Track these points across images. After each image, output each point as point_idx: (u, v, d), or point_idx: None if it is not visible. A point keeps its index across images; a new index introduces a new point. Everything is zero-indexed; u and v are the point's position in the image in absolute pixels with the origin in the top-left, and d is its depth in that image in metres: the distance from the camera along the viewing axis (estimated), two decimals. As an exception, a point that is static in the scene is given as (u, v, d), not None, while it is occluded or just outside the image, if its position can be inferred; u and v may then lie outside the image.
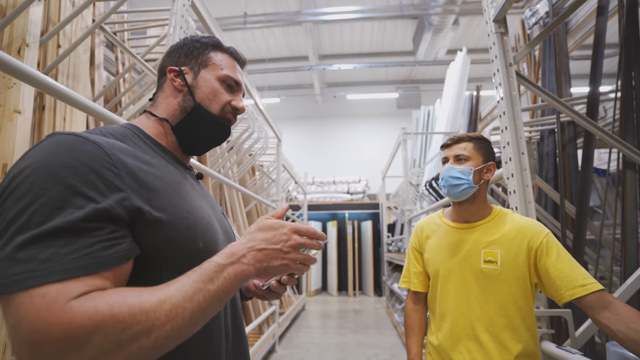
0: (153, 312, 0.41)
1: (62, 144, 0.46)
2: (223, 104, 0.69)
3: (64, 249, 0.40)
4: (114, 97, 2.47)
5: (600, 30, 1.82)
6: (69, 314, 0.37)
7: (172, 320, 0.42)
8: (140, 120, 0.67)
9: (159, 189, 0.53)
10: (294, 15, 6.85)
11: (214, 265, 0.49)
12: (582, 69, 6.91)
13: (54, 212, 0.41)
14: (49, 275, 0.38)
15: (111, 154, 0.48)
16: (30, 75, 0.92)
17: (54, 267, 0.39)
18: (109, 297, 0.40)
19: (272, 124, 3.85)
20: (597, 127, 1.60)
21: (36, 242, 0.39)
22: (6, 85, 1.33)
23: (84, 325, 0.37)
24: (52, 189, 0.42)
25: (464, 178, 1.09)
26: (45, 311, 0.37)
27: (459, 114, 4.52)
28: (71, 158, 0.45)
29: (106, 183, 0.45)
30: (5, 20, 1.21)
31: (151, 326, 0.41)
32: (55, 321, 0.36)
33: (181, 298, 0.44)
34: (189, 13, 1.76)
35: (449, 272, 1.11)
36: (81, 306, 0.38)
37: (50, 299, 0.37)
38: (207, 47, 0.70)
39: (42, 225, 0.40)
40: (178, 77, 0.68)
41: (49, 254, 0.39)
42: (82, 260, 0.41)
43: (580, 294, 0.92)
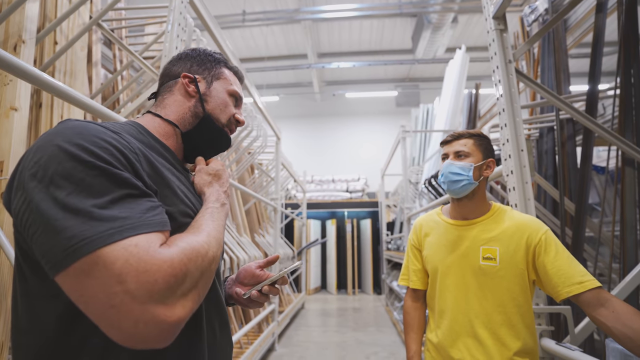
0: (211, 241, 0.51)
1: (86, 127, 0.48)
2: (229, 116, 0.74)
3: (138, 208, 0.45)
4: (112, 95, 2.46)
5: (600, 27, 1.81)
6: (167, 255, 0.42)
7: (218, 246, 0.53)
8: (145, 119, 0.68)
9: (167, 182, 0.57)
10: (292, 13, 6.83)
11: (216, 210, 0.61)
12: (580, 67, 6.92)
13: (111, 181, 0.44)
14: (135, 228, 0.42)
15: (131, 142, 0.53)
16: (27, 72, 0.91)
17: (136, 222, 0.43)
18: (180, 241, 0.47)
19: (271, 122, 3.84)
20: (597, 124, 1.60)
21: (111, 205, 0.42)
22: (2, 83, 1.32)
23: (182, 259, 0.43)
24: (95, 163, 0.44)
25: (463, 174, 1.09)
26: (146, 255, 0.40)
27: (458, 112, 4.52)
28: (101, 138, 0.47)
29: (132, 165, 0.49)
30: (1, 16, 1.20)
31: (214, 253, 0.50)
32: (160, 261, 0.41)
33: (215, 231, 0.55)
34: (187, 10, 1.75)
35: (448, 269, 1.11)
36: (170, 249, 0.43)
37: (144, 247, 0.41)
38: (220, 62, 0.76)
39: (107, 194, 0.43)
40: (192, 83, 0.70)
41: (128, 213, 0.43)
42: (156, 218, 0.46)
43: (577, 291, 0.92)
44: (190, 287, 0.44)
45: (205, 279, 0.48)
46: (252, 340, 3.11)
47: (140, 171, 0.50)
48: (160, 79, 0.75)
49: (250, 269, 0.77)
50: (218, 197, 0.64)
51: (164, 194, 0.54)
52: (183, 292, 0.43)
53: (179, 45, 1.61)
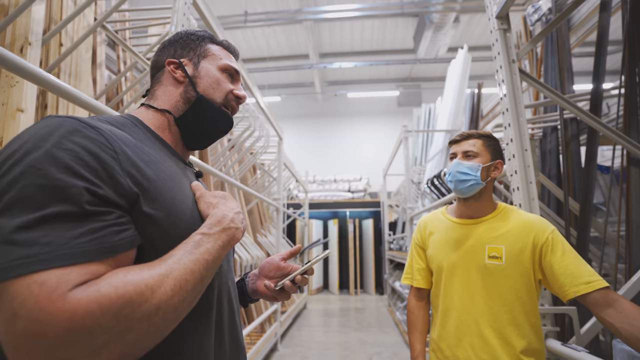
0: (158, 288, 0.40)
1: (61, 125, 0.43)
2: (226, 93, 0.68)
3: (68, 233, 0.37)
4: (116, 96, 2.47)
5: (604, 26, 1.81)
6: (72, 302, 0.34)
7: (177, 293, 0.42)
8: (139, 111, 0.64)
9: (158, 181, 0.51)
10: (294, 13, 6.83)
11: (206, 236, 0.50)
12: (583, 66, 6.90)
13: (56, 193, 0.38)
14: (50, 261, 0.35)
15: (110, 139, 0.46)
16: (33, 74, 0.91)
17: (57, 251, 0.36)
18: (110, 279, 0.38)
19: (273, 122, 3.85)
20: (601, 124, 1.59)
21: (37, 225, 0.36)
22: (9, 84, 1.33)
23: (91, 310, 0.35)
24: (50, 171, 0.39)
25: (471, 174, 1.09)
26: (45, 300, 0.33)
27: (461, 112, 4.51)
28: (71, 140, 0.42)
29: (106, 169, 0.43)
30: (8, 18, 1.21)
31: (159, 302, 0.40)
32: (58, 310, 0.33)
33: (182, 271, 0.44)
34: (191, 11, 1.75)
35: (453, 267, 1.11)
36: (84, 292, 0.35)
37: (50, 287, 0.34)
38: (204, 39, 0.70)
39: (41, 209, 0.37)
40: (178, 68, 0.66)
41: (53, 237, 0.36)
42: (89, 245, 0.38)
43: (584, 291, 0.92)
44: (104, 343, 0.35)
45: (140, 333, 0.38)
46: (255, 340, 3.11)
47: (116, 173, 0.44)
48: (150, 73, 0.71)
49: (275, 261, 0.75)
50: (221, 220, 0.54)
51: (148, 196, 0.48)
52: (91, 350, 0.34)
53: (182, 46, 1.62)
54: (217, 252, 0.50)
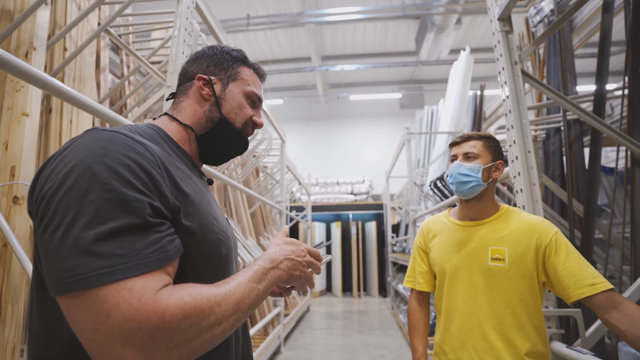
0: (224, 304, 0.46)
1: (112, 140, 0.47)
2: (246, 119, 0.71)
3: (137, 244, 0.42)
4: (120, 100, 2.49)
5: (606, 27, 1.80)
6: (162, 304, 0.40)
7: (236, 312, 0.47)
8: (163, 122, 0.67)
9: (191, 193, 0.55)
10: (296, 16, 6.86)
11: (262, 268, 0.55)
12: (586, 67, 6.87)
13: (121, 207, 0.42)
14: (130, 270, 0.40)
15: (155, 155, 0.50)
16: (38, 78, 0.92)
17: (132, 261, 0.41)
18: (189, 289, 0.44)
19: (276, 125, 3.86)
20: (605, 125, 1.59)
21: (111, 237, 0.40)
22: (14, 89, 1.35)
23: (176, 314, 0.40)
24: (115, 185, 0.42)
25: (472, 175, 1.09)
26: (138, 302, 0.39)
27: (463, 114, 4.50)
28: (126, 156, 0.46)
29: (155, 184, 0.47)
30: (13, 24, 1.23)
31: (222, 316, 0.45)
32: (150, 311, 0.39)
33: (241, 293, 0.49)
34: (193, 15, 1.77)
35: (456, 270, 1.10)
36: (170, 297, 0.41)
37: (139, 292, 0.39)
38: (237, 61, 0.72)
39: (111, 221, 0.41)
40: (207, 86, 0.68)
41: (126, 249, 0.41)
42: (155, 254, 0.43)
43: (589, 293, 0.91)
44: (178, 344, 0.41)
45: (203, 341, 0.43)
46: (258, 343, 3.11)
47: (163, 188, 0.48)
48: (179, 79, 0.73)
49: None
50: (274, 257, 0.59)
51: (185, 210, 0.52)
52: (168, 346, 0.40)
53: (185, 49, 1.63)
54: (267, 285, 0.55)
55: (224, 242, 0.60)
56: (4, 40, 1.38)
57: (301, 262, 0.63)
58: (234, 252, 0.66)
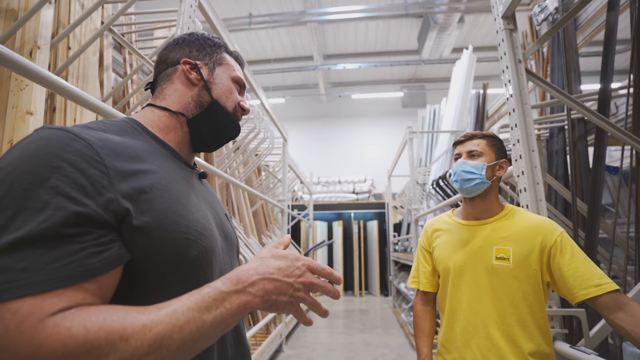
0: (135, 340, 0.37)
1: (50, 139, 0.42)
2: (236, 103, 0.70)
3: (44, 257, 0.36)
4: (123, 98, 2.50)
5: (611, 25, 1.79)
6: (41, 336, 0.34)
7: (155, 350, 0.38)
8: (144, 114, 0.63)
9: (151, 190, 0.49)
10: (298, 15, 6.86)
11: (215, 291, 0.44)
12: (590, 66, 6.83)
13: (34, 215, 0.37)
14: (24, 288, 0.34)
15: (101, 152, 0.45)
16: (43, 77, 0.93)
17: (31, 277, 0.35)
18: (88, 317, 0.36)
19: (278, 124, 3.86)
20: (609, 124, 1.57)
21: (13, 249, 0.35)
22: (19, 87, 1.35)
23: (55, 349, 0.34)
24: (33, 190, 0.38)
25: (476, 173, 1.09)
26: (15, 330, 0.33)
27: (466, 113, 4.48)
28: (58, 156, 0.41)
29: (93, 184, 0.42)
30: (18, 23, 1.23)
31: (130, 356, 0.36)
32: (24, 342, 0.33)
33: (170, 326, 0.39)
34: (196, 14, 1.77)
35: (460, 269, 1.10)
36: (55, 326, 0.34)
37: (22, 316, 0.34)
38: (220, 47, 0.71)
39: (19, 231, 0.36)
40: (193, 70, 0.66)
41: (29, 263, 0.35)
42: (65, 270, 0.37)
43: (594, 294, 0.91)
44: None
45: None
46: (260, 341, 3.12)
47: (105, 188, 0.43)
48: (157, 68, 0.68)
49: None
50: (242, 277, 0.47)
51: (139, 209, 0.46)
52: None
53: (188, 48, 1.63)
54: (221, 315, 0.43)
55: (196, 242, 0.52)
56: (9, 39, 1.39)
57: (292, 284, 0.48)
58: (218, 253, 0.59)
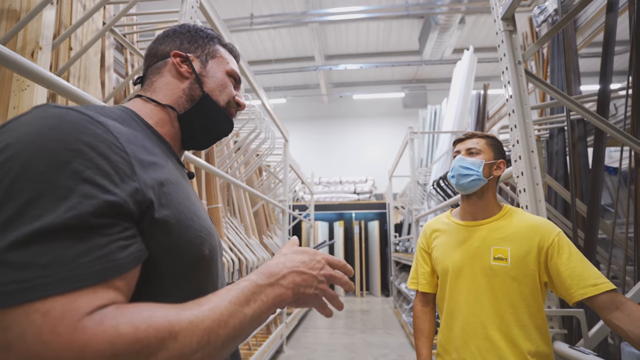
0: (183, 337, 0.34)
1: (64, 119, 0.37)
2: (230, 97, 0.66)
3: (71, 251, 0.32)
4: (124, 99, 2.51)
5: (611, 26, 1.79)
6: (83, 337, 0.30)
7: (203, 347, 0.36)
8: (135, 104, 0.59)
9: (167, 183, 0.46)
10: (300, 15, 6.87)
11: (252, 285, 0.43)
12: (589, 67, 6.82)
13: (56, 203, 0.32)
14: (52, 286, 0.30)
15: (120, 138, 0.41)
16: (44, 77, 0.94)
17: (58, 274, 0.31)
18: (132, 314, 0.33)
19: (279, 124, 3.87)
20: (609, 125, 1.58)
21: (35, 241, 0.31)
22: (20, 88, 1.36)
23: (103, 350, 0.30)
24: (53, 173, 0.33)
25: (474, 169, 1.10)
26: (49, 333, 0.29)
27: (466, 113, 4.49)
28: (76, 139, 0.36)
29: (118, 171, 0.38)
30: (20, 24, 1.24)
31: (181, 353, 0.34)
32: (64, 346, 0.29)
33: (216, 321, 0.37)
34: (197, 15, 1.78)
35: (459, 269, 1.11)
36: (98, 326, 0.31)
37: (56, 317, 0.29)
38: (213, 39, 0.68)
39: (41, 219, 0.31)
40: (184, 62, 0.63)
41: (53, 257, 0.31)
42: (95, 265, 0.33)
43: (591, 294, 0.91)
44: None
45: None
46: (260, 342, 3.12)
47: (128, 176, 0.39)
48: (146, 60, 0.65)
49: None
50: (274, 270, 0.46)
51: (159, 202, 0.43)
52: None
53: (189, 49, 1.64)
54: (259, 308, 0.42)
55: (207, 240, 0.51)
56: (11, 40, 1.40)
57: (316, 277, 0.49)
58: (218, 252, 0.58)
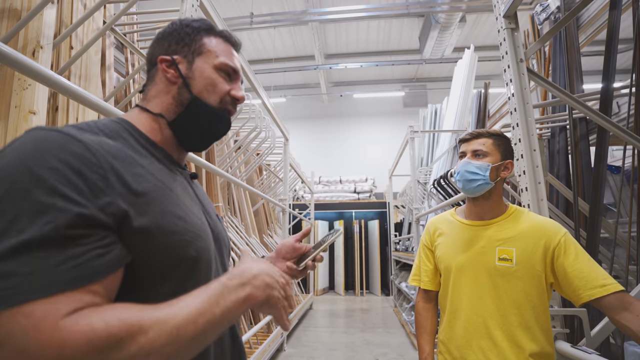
0: (153, 332, 0.39)
1: (45, 141, 0.42)
2: (222, 95, 0.63)
3: (50, 260, 0.36)
4: (124, 98, 2.50)
5: (614, 24, 1.78)
6: (62, 333, 0.34)
7: (172, 342, 0.40)
8: (132, 114, 0.61)
9: (148, 192, 0.49)
10: (300, 14, 6.85)
11: (222, 286, 0.47)
12: (591, 65, 6.80)
13: (35, 218, 0.37)
14: (34, 292, 0.35)
15: (98, 154, 0.44)
16: (46, 76, 0.93)
17: (39, 281, 0.35)
18: (105, 313, 0.38)
19: (279, 123, 3.86)
20: (611, 123, 1.57)
21: (17, 253, 0.35)
22: (21, 87, 1.36)
23: (80, 345, 0.34)
24: (31, 191, 0.38)
25: (480, 174, 1.08)
26: (33, 331, 0.33)
27: (467, 112, 4.48)
28: (56, 157, 0.40)
29: (91, 187, 0.42)
30: (21, 23, 1.23)
31: (150, 347, 0.38)
32: (46, 342, 0.33)
33: (184, 319, 0.41)
34: (198, 14, 1.77)
35: (462, 268, 1.10)
36: (75, 325, 0.35)
37: (38, 318, 0.34)
38: (200, 32, 0.63)
39: (22, 234, 0.36)
40: (171, 67, 0.61)
41: (33, 267, 0.35)
42: (72, 272, 0.37)
43: (599, 295, 0.90)
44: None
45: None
46: (261, 340, 3.12)
47: (103, 191, 0.43)
48: (146, 67, 0.65)
49: (290, 243, 0.75)
50: (245, 271, 0.50)
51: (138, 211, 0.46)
52: None
53: (190, 48, 1.64)
54: (228, 308, 0.46)
55: (194, 243, 0.53)
56: (12, 39, 1.39)
57: (279, 282, 0.53)
58: (212, 253, 0.59)
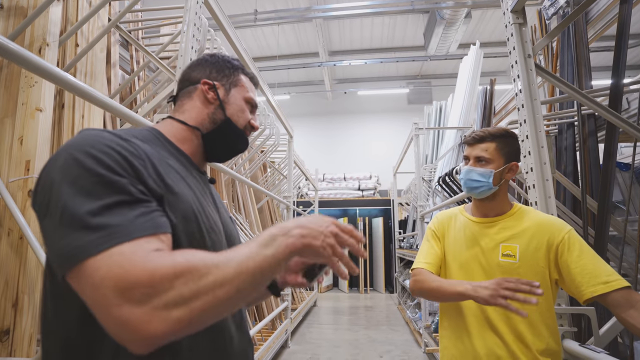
0: (223, 266, 0.45)
1: (99, 136, 0.52)
2: (246, 121, 0.78)
3: (130, 214, 0.46)
4: (129, 95, 2.51)
5: (624, 19, 1.75)
6: (152, 264, 0.42)
7: (239, 275, 0.46)
8: (164, 125, 0.72)
9: (177, 192, 0.57)
10: (304, 11, 6.83)
11: (268, 234, 0.53)
12: (600, 61, 6.71)
13: (108, 187, 0.46)
14: (125, 235, 0.43)
15: (139, 149, 0.54)
16: (52, 74, 0.93)
17: (124, 230, 0.44)
18: (183, 253, 0.46)
19: (283, 120, 3.86)
20: (621, 119, 1.55)
21: (104, 211, 0.44)
22: (28, 84, 1.37)
23: (166, 272, 0.42)
24: (97, 170, 0.47)
25: (483, 180, 1.08)
26: (128, 264, 0.41)
27: (472, 109, 4.44)
28: (107, 145, 0.50)
29: (136, 172, 0.51)
30: (27, 20, 1.24)
31: (223, 278, 0.45)
32: (140, 270, 0.41)
33: (245, 257, 0.48)
34: (202, 11, 1.77)
35: (466, 264, 1.10)
36: (160, 258, 0.43)
37: (130, 254, 0.42)
38: (238, 69, 0.79)
39: (103, 199, 0.45)
40: (211, 90, 0.74)
41: (120, 219, 0.44)
42: (147, 223, 0.47)
43: (602, 291, 0.89)
44: (175, 303, 0.41)
45: (204, 303, 0.43)
46: (265, 337, 3.14)
47: (145, 176, 0.52)
48: (179, 84, 0.78)
49: None
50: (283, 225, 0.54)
51: (169, 200, 0.55)
52: (166, 305, 0.41)
53: (194, 44, 1.63)
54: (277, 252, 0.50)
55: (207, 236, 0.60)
56: (18, 37, 1.40)
57: (322, 232, 0.54)
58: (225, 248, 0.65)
